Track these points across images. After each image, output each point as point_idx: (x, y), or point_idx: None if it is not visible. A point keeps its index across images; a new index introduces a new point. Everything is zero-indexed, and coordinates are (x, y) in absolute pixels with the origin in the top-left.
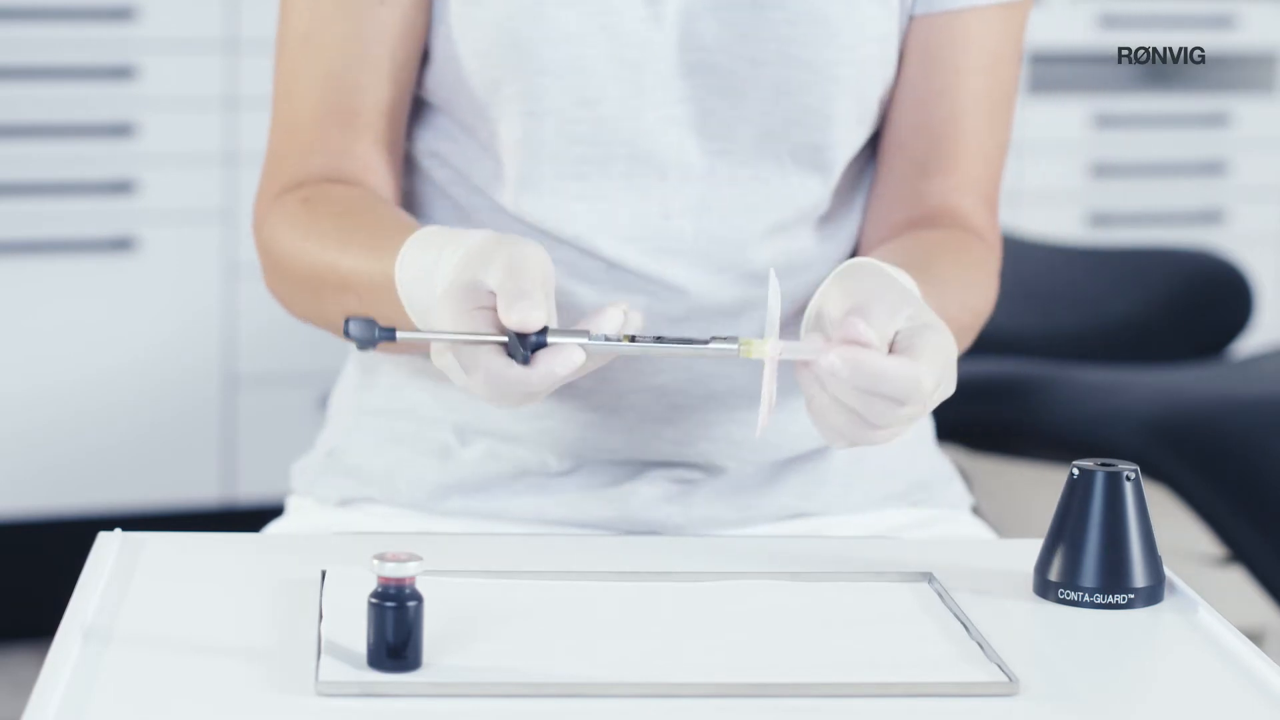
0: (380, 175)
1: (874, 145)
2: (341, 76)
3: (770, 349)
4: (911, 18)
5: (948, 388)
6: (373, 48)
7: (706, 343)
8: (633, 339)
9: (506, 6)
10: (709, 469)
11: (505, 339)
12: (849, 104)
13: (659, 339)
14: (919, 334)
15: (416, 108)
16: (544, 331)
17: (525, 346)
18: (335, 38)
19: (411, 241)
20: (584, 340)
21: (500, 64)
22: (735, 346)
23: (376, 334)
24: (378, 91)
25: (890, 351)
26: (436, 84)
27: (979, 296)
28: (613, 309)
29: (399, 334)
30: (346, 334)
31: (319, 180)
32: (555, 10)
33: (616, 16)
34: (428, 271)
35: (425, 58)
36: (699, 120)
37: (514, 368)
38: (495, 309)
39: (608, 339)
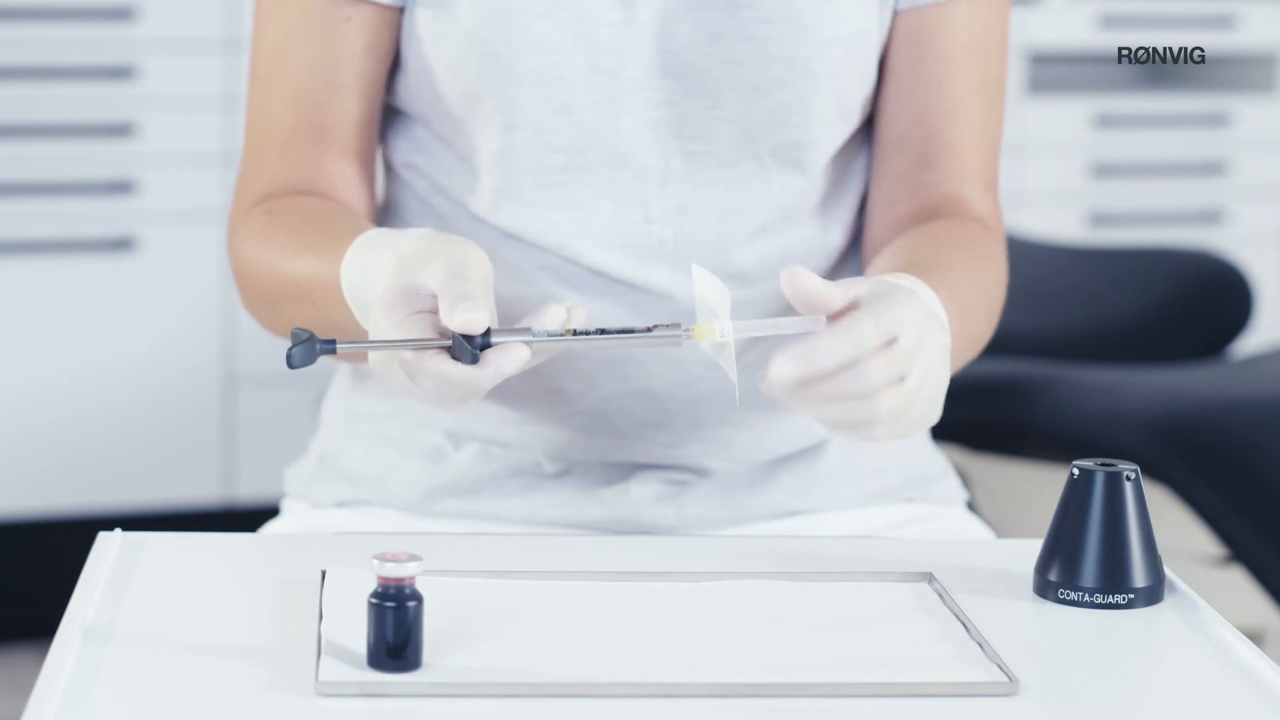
0: (352, 188)
1: (861, 139)
2: (310, 94)
3: (719, 330)
4: (896, 12)
5: (918, 335)
6: (341, 65)
7: (649, 330)
8: (575, 334)
9: (476, 19)
10: (700, 470)
11: (449, 343)
12: (827, 100)
13: (602, 331)
14: (869, 298)
15: (395, 119)
16: (488, 332)
17: (473, 347)
18: (303, 56)
19: (355, 244)
20: (528, 338)
21: (475, 77)
22: (680, 333)
23: (318, 348)
24: (347, 108)
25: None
26: (412, 97)
27: (990, 281)
28: (555, 306)
29: (339, 345)
30: (289, 361)
31: (288, 193)
32: (528, 21)
33: (590, 24)
34: (368, 272)
35: (400, 71)
36: (677, 123)
37: (461, 369)
38: (434, 312)
39: (550, 335)
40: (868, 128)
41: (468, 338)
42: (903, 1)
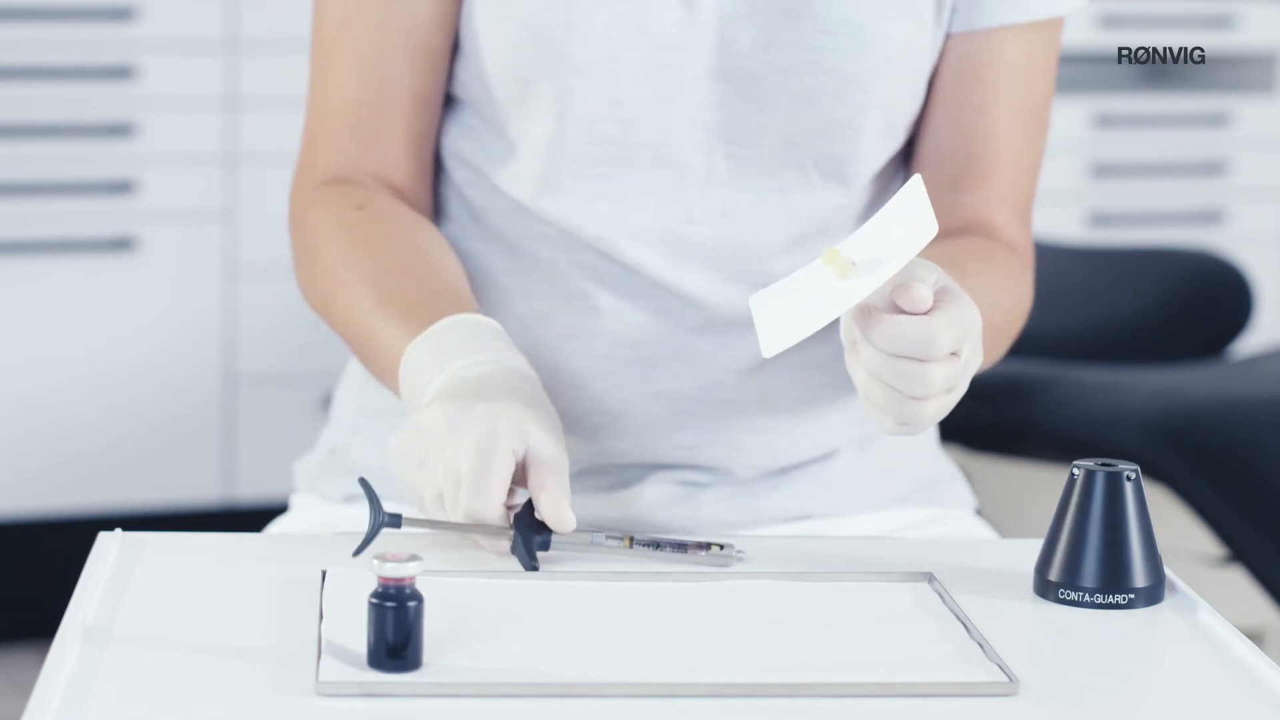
0: (410, 168)
1: (900, 159)
2: (375, 64)
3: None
4: (948, 35)
5: (974, 354)
6: (408, 37)
7: (706, 548)
8: (633, 542)
9: (536, 4)
10: (716, 472)
11: (510, 534)
12: (877, 117)
13: (657, 545)
14: (940, 295)
15: (443, 104)
16: (548, 532)
17: (531, 551)
18: (370, 26)
19: (415, 346)
20: (589, 541)
21: (530, 64)
22: (731, 555)
23: (383, 519)
24: (411, 82)
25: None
26: (467, 78)
27: (1009, 297)
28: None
29: (404, 520)
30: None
31: (357, 175)
32: (587, 11)
33: (650, 19)
34: (418, 391)
35: (457, 53)
36: (726, 126)
37: (502, 548)
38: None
39: (609, 536)
40: (907, 147)
41: (529, 535)
42: (955, 24)
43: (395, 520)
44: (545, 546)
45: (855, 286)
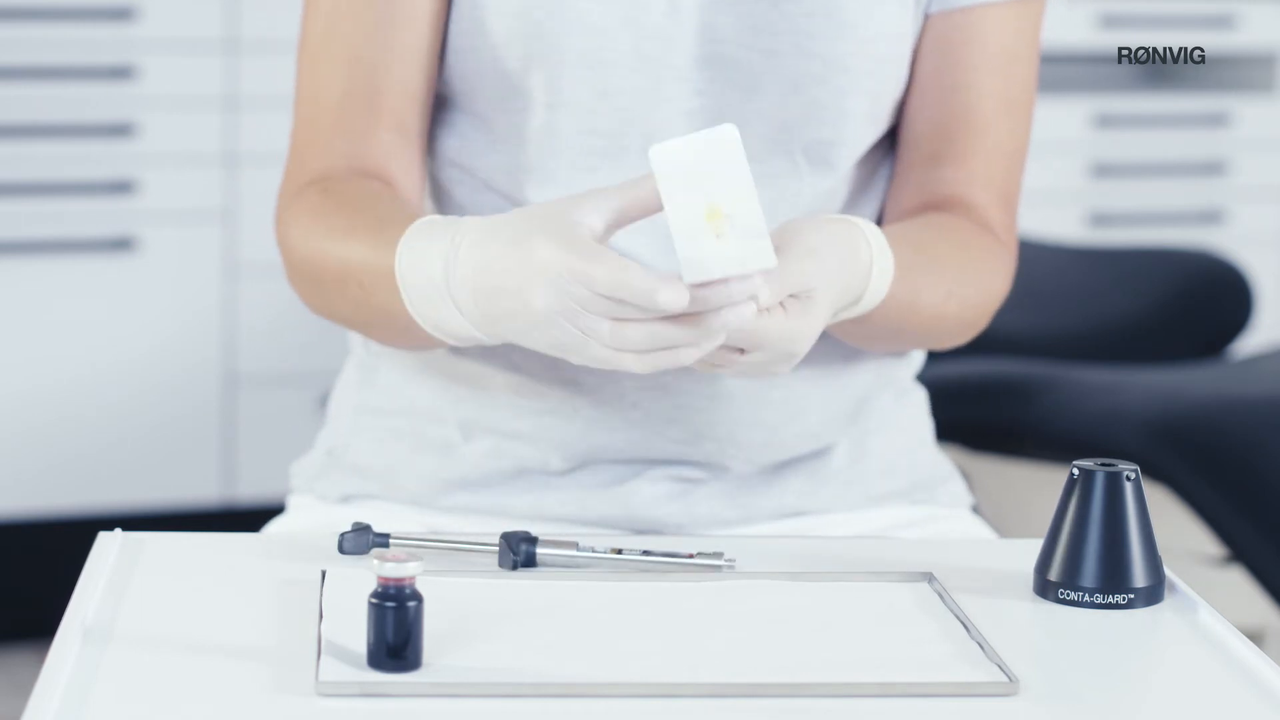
0: (401, 162)
1: (886, 146)
2: (365, 60)
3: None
4: (927, 16)
5: (769, 366)
6: (397, 32)
7: (691, 557)
8: (620, 552)
9: None
10: (711, 468)
11: (496, 547)
12: (862, 100)
13: (646, 552)
14: (790, 305)
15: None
16: (534, 541)
17: (516, 553)
18: (360, 23)
19: (410, 232)
20: (574, 552)
21: (522, 55)
22: (720, 562)
23: (371, 539)
24: (401, 76)
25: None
26: (454, 74)
27: (974, 288)
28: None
29: (393, 540)
30: (340, 546)
31: (343, 172)
32: (579, 2)
33: (638, 9)
34: (424, 261)
35: (445, 49)
36: (713, 114)
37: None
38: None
39: (596, 553)
40: (892, 138)
41: (513, 545)
42: (934, 5)
43: (383, 539)
44: (531, 561)
45: (706, 256)
